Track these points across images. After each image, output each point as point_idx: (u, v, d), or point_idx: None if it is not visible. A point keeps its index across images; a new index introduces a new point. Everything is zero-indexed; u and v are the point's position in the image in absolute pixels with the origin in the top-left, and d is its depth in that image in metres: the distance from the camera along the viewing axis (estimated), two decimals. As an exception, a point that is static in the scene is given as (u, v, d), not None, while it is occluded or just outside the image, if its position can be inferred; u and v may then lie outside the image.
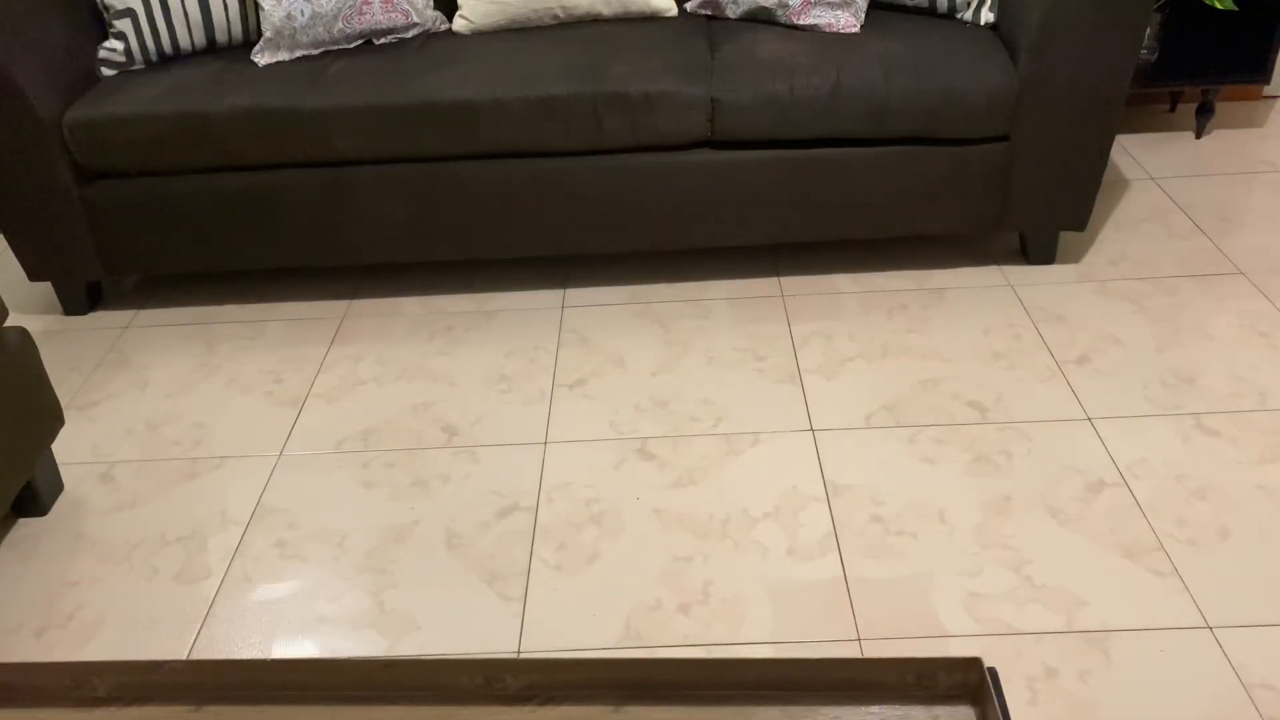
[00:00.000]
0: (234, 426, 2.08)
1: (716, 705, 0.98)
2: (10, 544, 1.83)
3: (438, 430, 2.03)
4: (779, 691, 0.98)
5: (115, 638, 1.63)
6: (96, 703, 1.02)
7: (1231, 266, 2.38)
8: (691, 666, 0.99)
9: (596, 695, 1.00)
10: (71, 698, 1.02)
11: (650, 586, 1.66)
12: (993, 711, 0.93)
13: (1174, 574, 1.63)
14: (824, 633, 1.56)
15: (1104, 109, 2.19)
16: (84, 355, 2.34)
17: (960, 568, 1.66)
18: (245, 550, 1.78)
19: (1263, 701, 1.43)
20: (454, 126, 2.21)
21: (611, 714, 0.98)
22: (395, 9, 2.39)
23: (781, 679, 0.99)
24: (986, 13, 2.33)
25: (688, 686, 1.00)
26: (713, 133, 2.23)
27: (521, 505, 1.84)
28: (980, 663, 0.98)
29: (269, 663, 1.00)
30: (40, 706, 1.03)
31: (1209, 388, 2.01)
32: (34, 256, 2.38)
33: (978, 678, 0.97)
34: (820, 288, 2.40)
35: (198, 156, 2.25)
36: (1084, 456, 1.87)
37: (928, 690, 0.98)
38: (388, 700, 1.01)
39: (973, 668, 0.97)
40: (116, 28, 2.34)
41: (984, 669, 0.97)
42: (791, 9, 2.34)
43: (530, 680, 1.00)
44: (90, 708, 1.01)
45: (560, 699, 1.00)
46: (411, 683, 1.01)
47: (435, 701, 1.01)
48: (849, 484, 1.84)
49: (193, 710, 1.00)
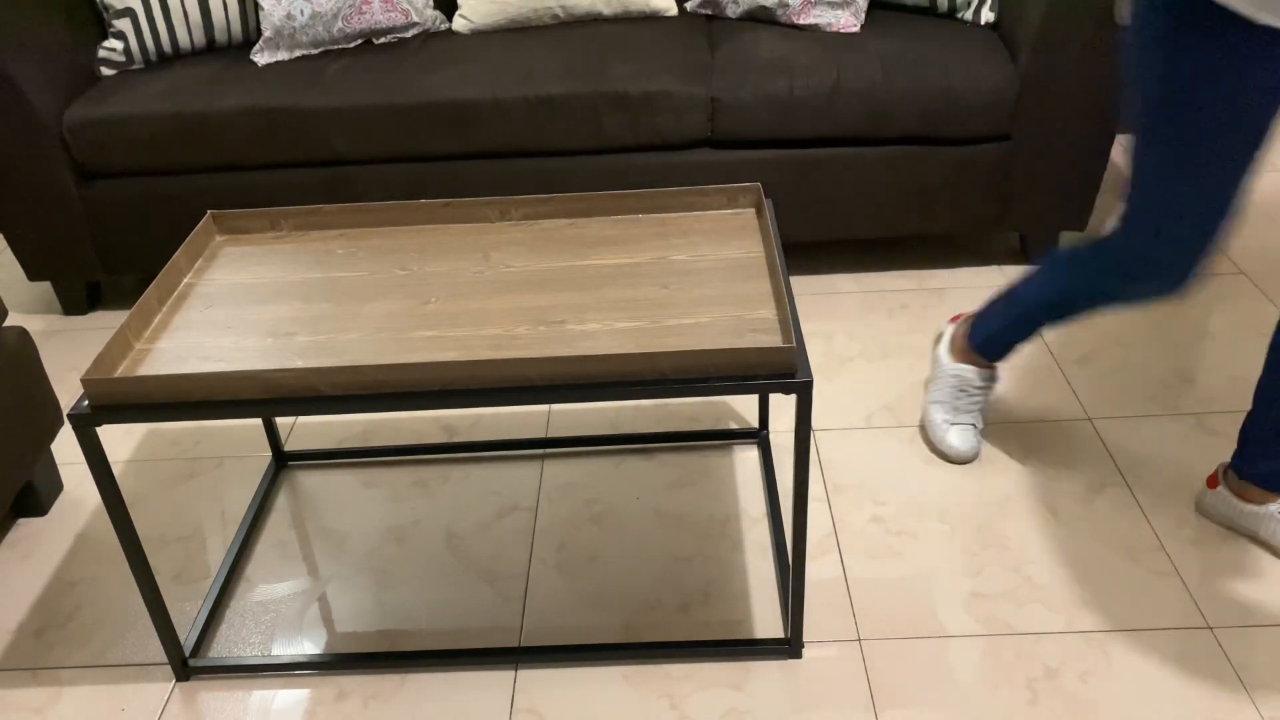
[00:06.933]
0: (234, 426, 2.08)
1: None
2: (10, 544, 1.83)
3: (438, 430, 2.03)
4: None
5: (115, 638, 1.63)
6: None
7: (1231, 266, 2.38)
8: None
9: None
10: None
11: (650, 587, 1.66)
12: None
13: (1174, 574, 1.63)
14: (824, 633, 1.56)
15: (1104, 109, 2.19)
16: (84, 355, 2.34)
17: (960, 568, 1.66)
18: (246, 550, 1.78)
19: (1263, 702, 1.43)
20: (454, 126, 2.21)
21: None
22: (395, 8, 2.39)
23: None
24: (986, 12, 2.33)
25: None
26: (713, 132, 2.23)
27: (521, 505, 1.84)
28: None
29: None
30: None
31: (1209, 388, 2.01)
32: (34, 256, 2.38)
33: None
34: (820, 288, 2.40)
35: (197, 156, 2.25)
36: (1084, 456, 1.87)
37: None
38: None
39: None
40: (116, 27, 2.34)
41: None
42: (792, 8, 2.34)
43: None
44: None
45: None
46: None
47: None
48: (849, 484, 1.84)
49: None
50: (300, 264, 1.57)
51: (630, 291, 1.45)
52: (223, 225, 1.66)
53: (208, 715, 1.50)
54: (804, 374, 1.27)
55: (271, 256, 1.59)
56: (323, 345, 1.38)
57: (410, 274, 1.52)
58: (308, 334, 1.41)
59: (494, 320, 1.41)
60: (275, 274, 1.55)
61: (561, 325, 1.38)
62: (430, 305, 1.45)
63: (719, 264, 1.49)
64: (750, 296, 1.42)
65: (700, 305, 1.41)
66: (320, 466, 1.96)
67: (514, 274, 1.51)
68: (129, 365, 1.38)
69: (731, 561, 1.70)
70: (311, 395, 1.28)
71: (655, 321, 1.38)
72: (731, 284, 1.45)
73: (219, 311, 1.47)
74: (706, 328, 1.36)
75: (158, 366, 1.37)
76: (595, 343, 1.35)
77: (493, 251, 1.57)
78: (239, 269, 1.57)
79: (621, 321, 1.39)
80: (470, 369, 1.26)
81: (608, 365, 1.25)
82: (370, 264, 1.56)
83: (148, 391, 1.28)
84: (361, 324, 1.42)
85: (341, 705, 1.50)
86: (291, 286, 1.52)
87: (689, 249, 1.53)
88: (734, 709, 1.46)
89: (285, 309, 1.47)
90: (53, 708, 1.53)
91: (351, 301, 1.47)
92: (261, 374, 1.26)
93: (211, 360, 1.37)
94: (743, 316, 1.38)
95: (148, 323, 1.45)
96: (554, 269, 1.51)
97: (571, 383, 1.27)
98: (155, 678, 1.57)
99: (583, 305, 1.42)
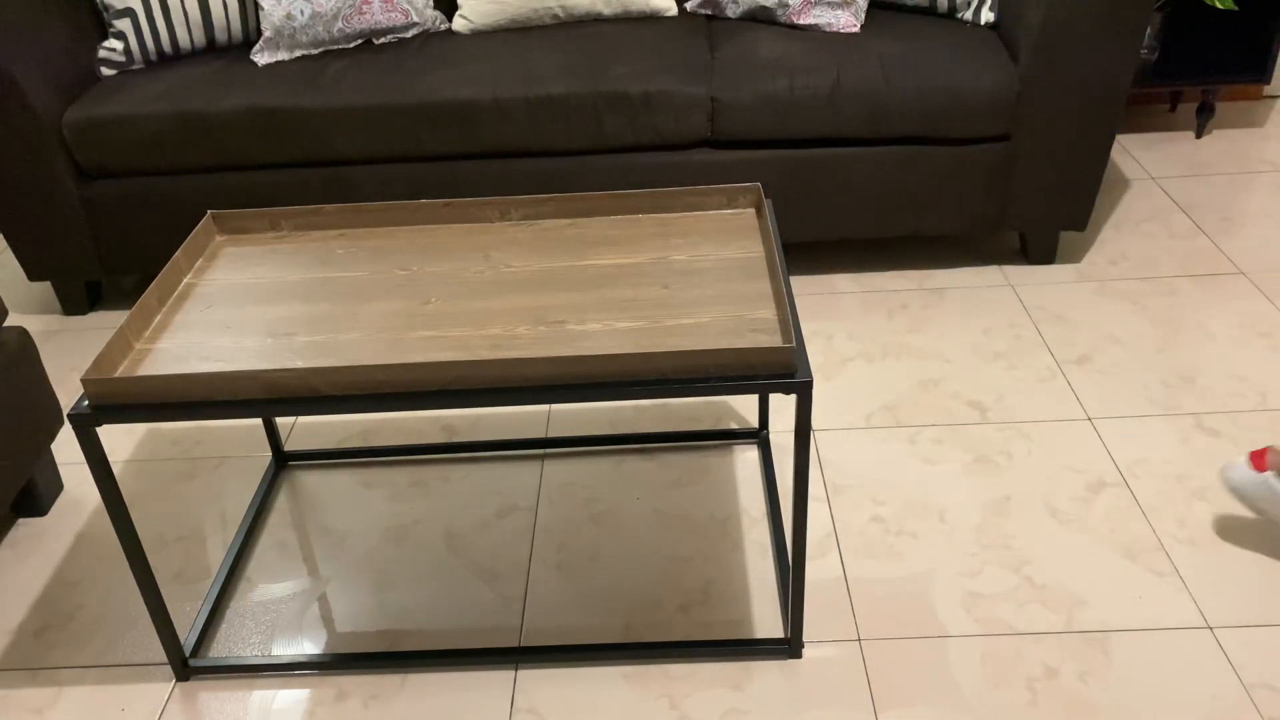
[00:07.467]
0: (234, 426, 2.08)
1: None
2: (10, 544, 1.83)
3: (438, 430, 2.03)
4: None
5: (115, 638, 1.63)
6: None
7: (1231, 266, 2.38)
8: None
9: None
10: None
11: (650, 587, 1.66)
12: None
13: (1174, 574, 1.63)
14: (824, 633, 1.56)
15: (1104, 109, 2.19)
16: (84, 355, 2.34)
17: (960, 568, 1.66)
18: (246, 550, 1.78)
19: (1263, 701, 1.43)
20: (454, 126, 2.21)
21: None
22: (395, 8, 2.39)
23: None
24: (986, 12, 2.33)
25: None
26: (713, 132, 2.23)
27: (521, 505, 1.84)
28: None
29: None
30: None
31: (1209, 388, 2.01)
32: (34, 256, 2.38)
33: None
34: (820, 288, 2.40)
35: (197, 156, 2.25)
36: (1084, 456, 1.87)
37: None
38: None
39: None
40: (116, 27, 2.34)
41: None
42: (791, 9, 2.34)
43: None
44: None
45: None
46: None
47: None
48: (849, 484, 1.84)
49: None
50: (300, 264, 1.57)
51: (630, 291, 1.45)
52: (223, 225, 1.66)
53: (208, 715, 1.50)
54: (804, 374, 1.27)
55: (271, 256, 1.59)
56: (323, 345, 1.38)
57: (410, 274, 1.53)
58: (308, 334, 1.41)
59: (494, 320, 1.41)
60: (275, 274, 1.55)
61: (561, 325, 1.39)
62: (430, 305, 1.45)
63: (719, 264, 1.50)
64: (750, 296, 1.42)
65: (700, 305, 1.41)
66: (320, 466, 1.96)
67: (514, 274, 1.51)
68: (129, 365, 1.38)
69: (731, 561, 1.70)
70: (311, 395, 1.28)
71: (655, 321, 1.38)
72: (731, 284, 1.45)
73: (219, 311, 1.47)
74: (706, 328, 1.36)
75: (158, 366, 1.37)
76: (595, 343, 1.35)
77: (493, 251, 1.57)
78: (239, 269, 1.57)
79: (621, 321, 1.39)
80: (470, 369, 1.26)
81: (608, 365, 1.25)
82: (370, 264, 1.56)
83: (148, 391, 1.28)
84: (361, 324, 1.42)
85: (341, 705, 1.50)
86: (291, 286, 1.52)
87: (689, 249, 1.54)
88: (734, 709, 1.46)
89: (285, 309, 1.47)
90: (53, 708, 1.53)
91: (351, 301, 1.47)
92: (261, 374, 1.27)
93: (211, 360, 1.37)
94: (743, 316, 1.38)
95: (148, 323, 1.45)
96: (554, 269, 1.51)
97: (571, 383, 1.27)
98: (155, 678, 1.57)
99: (583, 305, 1.43)
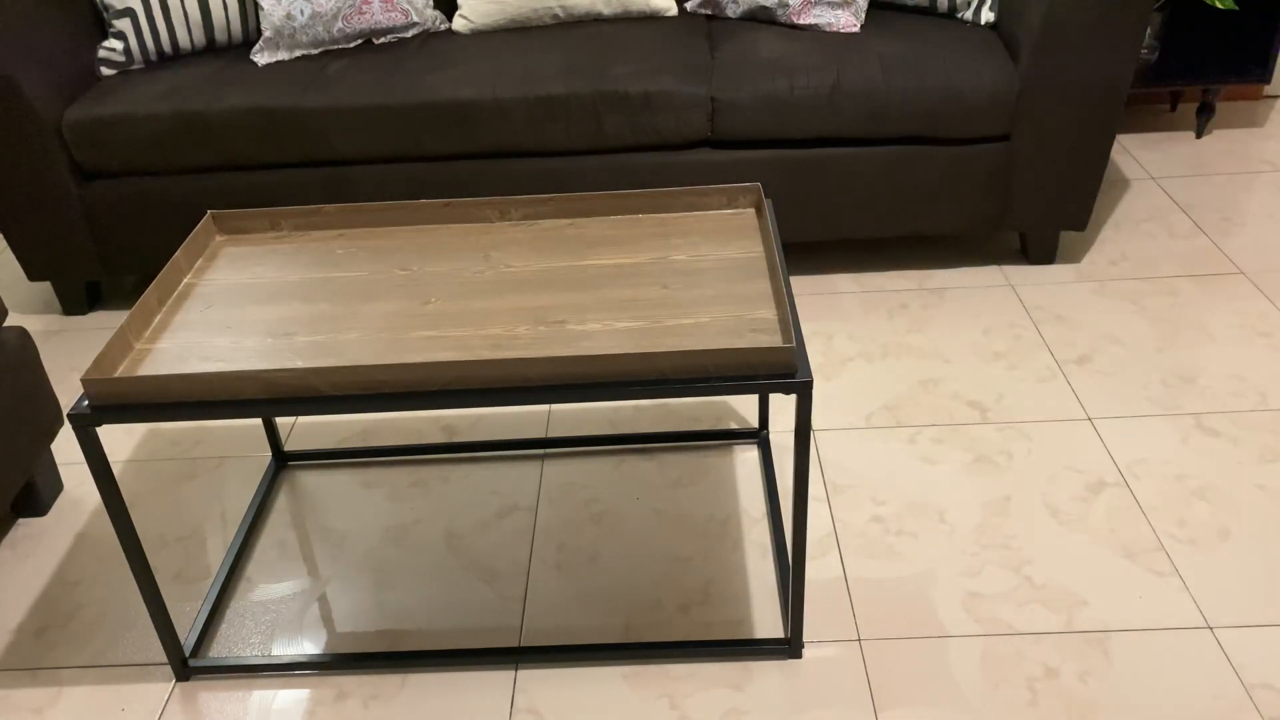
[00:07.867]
0: (234, 426, 2.08)
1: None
2: (10, 544, 1.83)
3: (438, 430, 2.03)
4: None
5: (115, 638, 1.63)
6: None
7: (1231, 266, 2.38)
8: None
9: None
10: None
11: (650, 587, 1.66)
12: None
13: (1174, 574, 1.63)
14: (824, 633, 1.56)
15: (1104, 109, 2.19)
16: (84, 355, 2.34)
17: (960, 568, 1.66)
18: (246, 550, 1.78)
19: (1263, 701, 1.43)
20: (454, 126, 2.21)
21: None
22: (395, 8, 2.39)
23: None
24: (986, 12, 2.33)
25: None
26: (713, 132, 2.23)
27: (521, 505, 1.84)
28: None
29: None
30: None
31: (1209, 388, 2.01)
32: (34, 256, 2.38)
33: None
34: (820, 288, 2.40)
35: (197, 156, 2.25)
36: (1084, 456, 1.87)
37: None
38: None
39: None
40: (116, 27, 2.34)
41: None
42: (791, 8, 2.34)
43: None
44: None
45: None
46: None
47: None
48: (849, 484, 1.84)
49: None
50: (300, 264, 1.57)
51: (630, 291, 1.45)
52: (223, 225, 1.66)
53: (208, 715, 1.50)
54: (804, 374, 1.27)
55: (271, 256, 1.59)
56: (322, 345, 1.39)
57: (410, 274, 1.53)
58: (307, 334, 1.41)
59: (494, 320, 1.41)
60: (275, 274, 1.55)
61: (561, 325, 1.39)
62: (430, 305, 1.45)
63: (719, 264, 1.50)
64: (750, 296, 1.42)
65: (700, 305, 1.41)
66: (320, 466, 1.96)
67: (514, 274, 1.51)
68: (129, 365, 1.38)
69: (731, 561, 1.70)
70: (311, 395, 1.28)
71: (655, 321, 1.38)
72: (731, 284, 1.45)
73: (219, 311, 1.48)
74: (706, 328, 1.36)
75: (158, 366, 1.37)
76: (595, 343, 1.35)
77: (493, 251, 1.57)
78: (239, 269, 1.57)
79: (621, 321, 1.39)
80: (470, 369, 1.26)
81: (608, 365, 1.25)
82: (370, 264, 1.56)
83: (148, 391, 1.28)
84: (361, 324, 1.43)
85: (341, 705, 1.50)
86: (291, 286, 1.52)
87: (689, 249, 1.54)
88: (734, 709, 1.46)
89: (285, 309, 1.47)
90: (53, 708, 1.53)
91: (351, 301, 1.47)
92: (261, 374, 1.27)
93: (211, 360, 1.37)
94: (743, 316, 1.38)
95: (148, 323, 1.45)
96: (554, 269, 1.51)
97: (571, 383, 1.27)
98: (155, 678, 1.57)
99: (583, 305, 1.43)
